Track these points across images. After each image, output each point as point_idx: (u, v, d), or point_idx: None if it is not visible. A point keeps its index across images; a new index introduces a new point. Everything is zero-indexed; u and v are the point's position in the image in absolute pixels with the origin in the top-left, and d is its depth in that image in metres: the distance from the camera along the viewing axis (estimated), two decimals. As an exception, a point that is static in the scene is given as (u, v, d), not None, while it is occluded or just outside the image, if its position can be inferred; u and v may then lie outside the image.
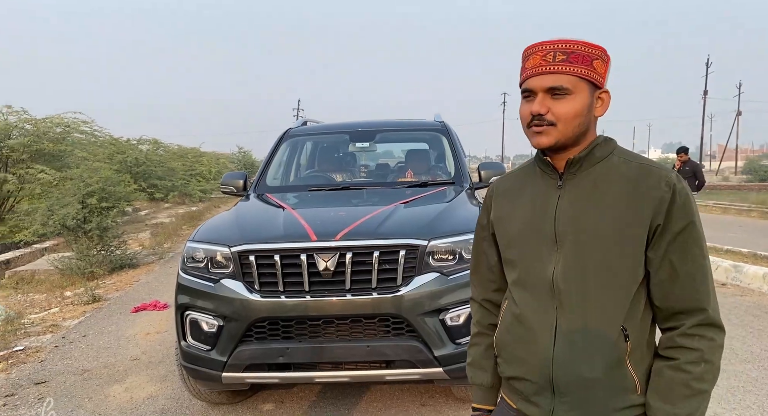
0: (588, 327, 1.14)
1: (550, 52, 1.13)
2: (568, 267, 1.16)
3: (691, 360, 1.10)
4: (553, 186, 1.22)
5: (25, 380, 3.89)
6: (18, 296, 6.87)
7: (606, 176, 1.17)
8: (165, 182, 19.46)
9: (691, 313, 1.12)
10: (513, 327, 1.26)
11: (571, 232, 1.16)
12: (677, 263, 1.11)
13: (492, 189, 1.40)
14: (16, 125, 11.18)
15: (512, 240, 1.27)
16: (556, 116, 1.13)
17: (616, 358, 1.13)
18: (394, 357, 2.76)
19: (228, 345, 2.78)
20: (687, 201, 1.12)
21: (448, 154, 4.28)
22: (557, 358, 1.16)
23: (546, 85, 1.13)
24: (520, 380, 1.25)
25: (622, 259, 1.13)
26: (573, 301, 1.15)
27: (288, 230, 2.92)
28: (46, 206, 8.01)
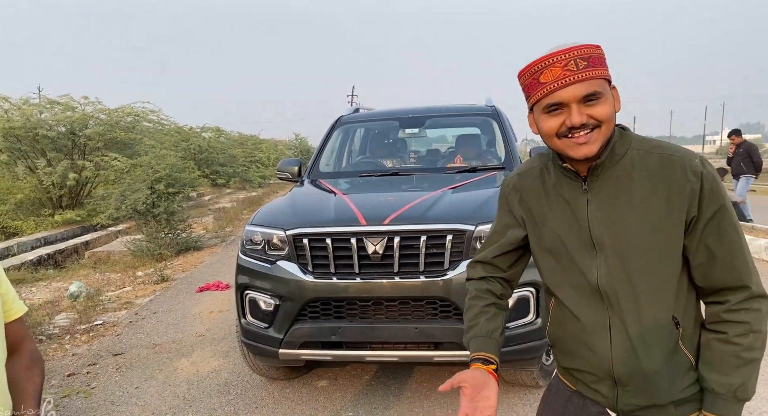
0: (642, 325, 1.17)
1: (570, 61, 1.10)
2: (611, 271, 1.17)
3: (739, 332, 1.13)
4: (578, 190, 1.21)
5: (105, 351, 4.25)
6: (96, 275, 7.43)
7: (629, 172, 1.16)
8: (226, 168, 20.23)
9: (735, 290, 1.14)
10: (565, 324, 1.27)
11: (608, 236, 1.17)
12: (713, 246, 1.13)
13: (512, 187, 1.35)
14: (92, 115, 11.92)
15: (549, 245, 1.26)
16: (598, 118, 1.11)
17: (672, 346, 1.17)
18: (442, 338, 2.84)
19: (284, 323, 2.94)
20: (715, 185, 1.12)
21: (499, 138, 4.26)
22: (615, 355, 1.19)
23: (581, 94, 1.10)
24: (579, 371, 1.28)
25: (663, 254, 1.14)
26: (622, 302, 1.17)
27: (339, 215, 3.04)
28: (119, 192, 8.56)
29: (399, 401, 3.22)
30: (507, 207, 1.36)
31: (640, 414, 1.21)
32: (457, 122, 4.91)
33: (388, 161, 4.59)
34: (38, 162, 11.10)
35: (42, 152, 11.30)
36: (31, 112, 11.18)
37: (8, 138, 10.59)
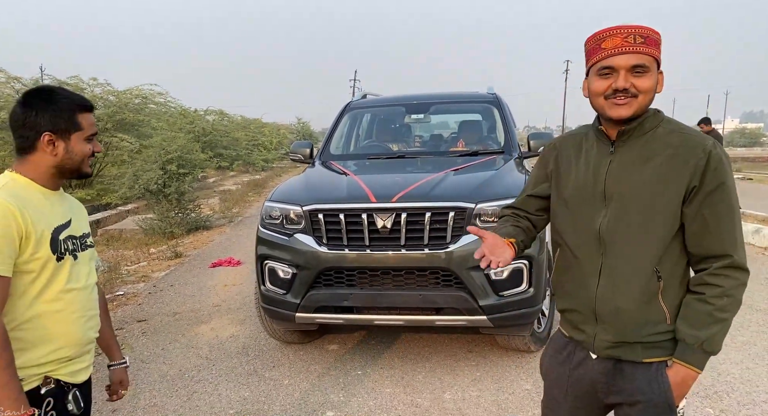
0: (625, 269, 1.36)
1: (630, 35, 1.30)
2: (613, 220, 1.37)
3: (715, 294, 1.31)
4: (605, 152, 1.42)
5: (129, 318, 4.58)
6: (110, 252, 7.75)
7: (652, 144, 1.36)
8: (230, 151, 20.44)
9: (719, 258, 1.32)
10: (567, 268, 1.49)
11: (618, 191, 1.37)
12: (708, 217, 1.30)
13: (554, 144, 1.59)
14: (101, 97, 12.19)
15: (568, 196, 1.48)
16: (639, 89, 1.31)
17: (648, 294, 1.35)
18: (444, 304, 3.15)
19: (301, 289, 3.26)
20: (719, 165, 1.30)
21: (499, 125, 4.54)
22: (599, 293, 1.40)
23: (631, 63, 1.30)
24: (571, 311, 1.49)
25: (659, 213, 1.33)
26: (615, 249, 1.37)
27: (351, 193, 3.34)
28: (132, 172, 8.85)
29: (403, 362, 3.55)
30: (543, 163, 1.60)
31: (613, 353, 1.41)
32: (460, 109, 5.18)
33: (395, 144, 4.87)
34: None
35: (52, 132, 11.55)
36: (42, 92, 11.42)
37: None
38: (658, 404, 1.38)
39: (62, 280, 1.46)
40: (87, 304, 1.57)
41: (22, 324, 1.41)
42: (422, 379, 3.32)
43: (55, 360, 1.47)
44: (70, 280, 1.49)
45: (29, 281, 1.41)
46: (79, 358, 1.55)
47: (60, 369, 1.48)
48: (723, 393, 3.05)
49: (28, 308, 1.41)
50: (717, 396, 3.02)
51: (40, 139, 1.45)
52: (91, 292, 1.61)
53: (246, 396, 3.16)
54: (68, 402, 1.50)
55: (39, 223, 1.41)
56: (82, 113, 1.51)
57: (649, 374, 1.40)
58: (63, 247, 1.47)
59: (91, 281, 1.61)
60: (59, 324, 1.47)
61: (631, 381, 1.41)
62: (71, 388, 1.52)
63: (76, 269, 1.52)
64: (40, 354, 1.44)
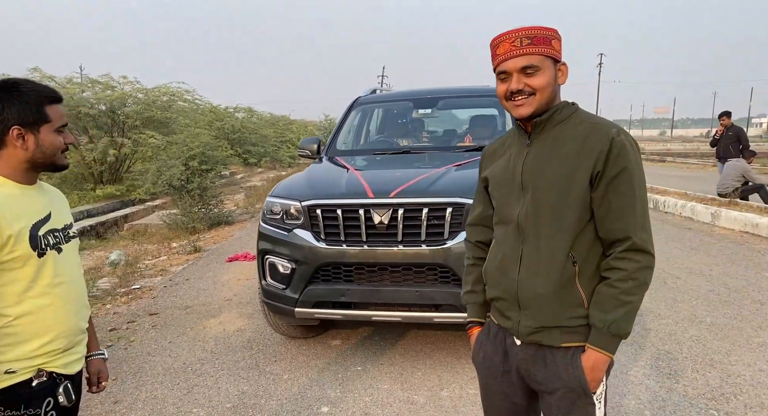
0: (541, 255, 1.42)
1: (517, 39, 1.38)
2: (530, 208, 1.43)
3: (619, 277, 1.35)
4: (524, 145, 1.49)
5: (142, 311, 4.69)
6: (134, 246, 7.96)
7: (563, 134, 1.42)
8: (258, 148, 20.74)
9: (622, 241, 1.36)
10: (495, 257, 1.55)
11: (533, 179, 1.43)
12: (613, 201, 1.35)
13: (484, 151, 1.68)
14: (130, 94, 12.48)
15: (494, 190, 1.57)
16: (533, 87, 1.38)
17: (565, 279, 1.39)
18: (441, 301, 3.12)
19: (299, 284, 3.27)
20: (623, 151, 1.34)
21: (508, 119, 4.46)
22: (520, 280, 1.45)
23: (519, 66, 1.38)
24: (497, 299, 1.54)
25: (570, 200, 1.38)
26: (532, 236, 1.43)
27: (349, 188, 3.33)
28: (156, 168, 9.05)
29: (404, 359, 3.53)
30: (481, 169, 1.66)
31: (534, 338, 1.45)
32: (469, 103, 5.10)
33: (403, 140, 4.84)
34: (81, 139, 11.74)
35: (84, 129, 11.93)
36: (74, 90, 11.78)
37: (53, 116, 11.20)
38: (573, 388, 1.41)
39: (48, 275, 1.48)
40: (77, 295, 1.59)
41: (13, 320, 1.43)
42: (421, 376, 3.29)
43: (49, 352, 1.49)
44: (57, 274, 1.51)
45: (12, 279, 1.43)
46: (72, 349, 1.57)
47: (53, 361, 1.50)
48: (730, 395, 2.93)
49: (17, 305, 1.44)
50: (724, 398, 2.90)
51: (9, 133, 1.45)
52: (80, 283, 1.64)
53: (245, 389, 3.20)
54: (59, 394, 1.51)
55: (16, 221, 1.42)
56: (50, 105, 1.50)
57: (566, 359, 1.42)
58: (44, 242, 1.48)
59: (79, 272, 1.64)
60: (51, 317, 1.49)
61: (552, 367, 1.44)
62: (63, 380, 1.53)
63: (62, 262, 1.53)
64: (32, 346, 1.46)
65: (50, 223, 1.53)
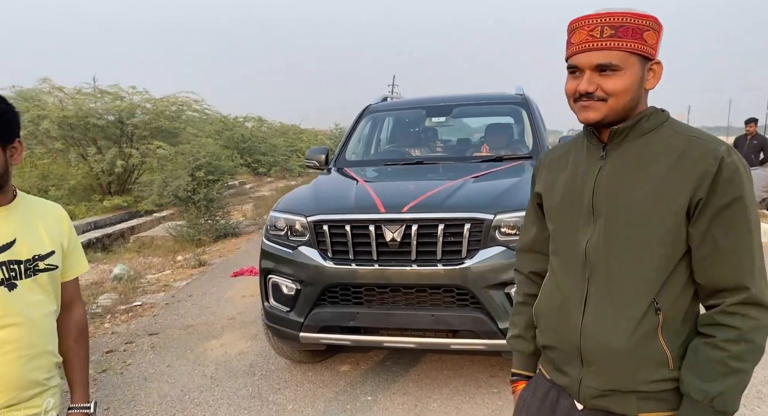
0: (616, 298, 1.13)
1: (597, 27, 1.08)
2: (601, 239, 1.15)
3: (729, 337, 1.05)
4: (596, 157, 1.19)
5: (141, 331, 4.46)
6: (140, 259, 7.76)
7: (651, 147, 1.13)
8: (268, 157, 20.63)
9: (733, 291, 1.07)
10: (550, 296, 1.27)
11: (608, 204, 1.14)
12: (720, 239, 1.06)
13: (539, 161, 1.40)
14: (139, 105, 12.38)
15: (553, 211, 1.28)
16: (607, 92, 1.10)
17: (645, 331, 1.11)
18: (459, 326, 2.85)
19: (305, 307, 3.01)
20: (736, 175, 1.05)
21: (527, 127, 4.19)
22: (585, 327, 1.16)
23: (594, 63, 1.09)
24: (552, 349, 1.27)
25: (658, 233, 1.09)
26: (603, 273, 1.15)
27: (358, 202, 3.08)
28: (162, 178, 8.88)
29: (418, 387, 3.25)
30: (533, 182, 1.38)
31: (601, 403, 1.17)
32: (486, 111, 4.84)
33: (415, 149, 4.58)
34: (89, 150, 11.63)
35: (93, 139, 11.83)
36: (83, 101, 11.70)
37: (62, 126, 11.12)
38: None
39: None
40: (31, 340, 1.34)
41: None
42: (437, 408, 3.01)
43: None
44: (4, 314, 1.29)
45: None
46: (18, 405, 1.33)
47: None
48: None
49: None
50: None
51: None
52: (41, 325, 1.39)
53: (245, 422, 2.94)
54: None
55: None
56: None
57: None
58: None
59: (42, 312, 1.40)
60: None
61: None
62: None
63: (13, 300, 1.31)
64: None
65: (9, 253, 1.31)
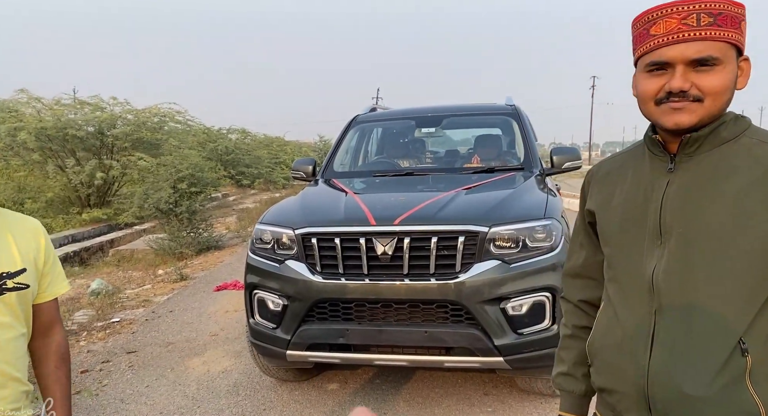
0: (692, 336, 0.96)
1: (692, 14, 0.93)
2: (672, 265, 0.99)
3: None
4: (662, 170, 1.03)
5: (119, 349, 4.27)
6: (119, 273, 7.54)
7: (731, 159, 0.97)
8: (252, 169, 20.45)
9: None
10: (608, 331, 1.10)
11: (681, 224, 0.98)
12: None
13: (590, 174, 1.23)
14: (120, 116, 12.15)
15: (610, 232, 1.11)
16: (704, 90, 0.94)
17: (729, 376, 0.94)
18: (453, 343, 2.74)
19: (292, 323, 2.88)
20: None
21: (518, 139, 4.14)
22: (653, 369, 0.99)
23: (690, 56, 0.93)
24: (611, 392, 1.08)
25: (744, 260, 0.94)
26: (675, 304, 0.98)
27: (348, 214, 2.97)
28: (142, 191, 8.68)
29: (410, 407, 3.13)
30: (583, 198, 1.23)
31: None
32: (475, 122, 4.79)
33: (405, 160, 4.50)
34: (68, 161, 11.37)
35: (72, 151, 11.57)
36: (61, 112, 11.45)
37: (40, 138, 10.85)
38: None
39: None
40: None
41: None
42: (430, 428, 2.89)
43: None
44: None
45: None
46: None
47: None
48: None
49: None
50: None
51: None
52: (4, 350, 1.25)
53: (228, 446, 2.79)
54: None
55: None
56: None
57: None
58: None
59: (7, 336, 1.26)
60: None
61: None
62: None
63: None
64: None
65: None
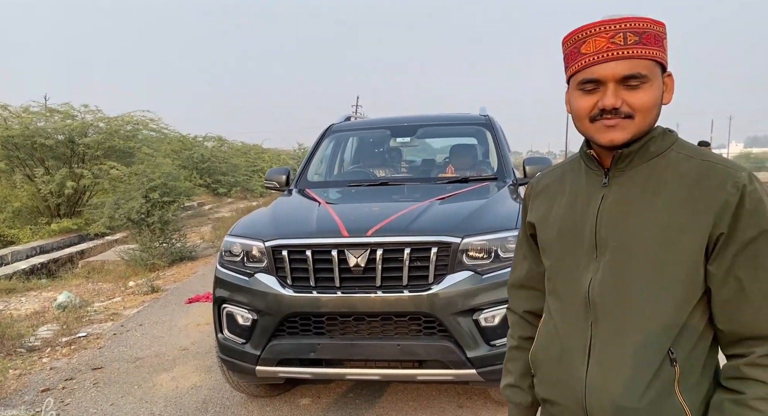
0: (625, 348, 1.00)
1: (619, 33, 0.96)
2: (606, 278, 1.02)
3: (760, 395, 0.93)
4: (597, 184, 1.07)
5: (84, 365, 4.12)
6: (88, 285, 7.32)
7: (660, 173, 1.01)
8: (228, 177, 20.21)
9: (764, 340, 0.94)
10: (548, 343, 1.14)
11: (614, 238, 1.02)
12: (746, 280, 0.94)
13: (530, 186, 1.27)
14: (91, 124, 11.88)
15: (549, 244, 1.15)
16: (634, 107, 0.98)
17: (660, 386, 0.98)
18: (426, 356, 2.70)
19: (261, 339, 2.81)
20: (760, 206, 0.94)
21: (492, 148, 4.14)
22: (590, 382, 1.03)
23: (620, 74, 0.97)
24: (553, 404, 1.13)
25: (673, 272, 0.97)
26: (609, 317, 1.01)
27: (320, 226, 2.92)
28: (113, 200, 8.48)
29: (383, 421, 3.07)
30: (525, 210, 1.26)
31: None
32: (450, 132, 4.79)
33: (380, 170, 4.46)
34: (36, 170, 11.06)
35: (40, 160, 11.27)
36: (30, 120, 11.15)
37: (6, 146, 10.55)
38: None
39: None
40: None
41: None
42: (404, 443, 2.83)
43: None
44: None
45: None
46: None
47: None
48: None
49: None
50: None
51: None
52: None
53: (195, 466, 2.69)
54: None
55: None
56: None
57: None
58: None
59: None
60: None
61: None
62: None
63: None
64: None
65: None
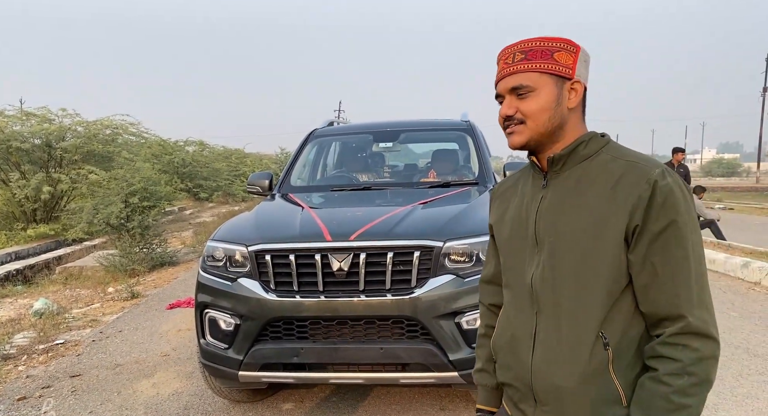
0: (563, 334, 1.10)
1: (510, 55, 1.14)
2: (545, 271, 1.13)
3: (670, 371, 1.01)
4: (539, 186, 1.19)
5: (62, 373, 4.05)
6: (66, 291, 7.20)
7: (590, 174, 1.12)
8: (210, 182, 20.04)
9: (673, 320, 1.03)
10: (503, 331, 1.25)
11: (549, 234, 1.13)
12: (659, 265, 1.03)
13: (492, 192, 1.39)
14: (69, 128, 11.71)
15: (502, 243, 1.27)
16: (524, 113, 1.12)
17: (595, 366, 1.07)
18: (408, 360, 2.72)
19: (244, 343, 2.80)
20: (670, 199, 1.03)
21: (473, 154, 4.19)
22: (535, 365, 1.13)
23: (509, 87, 1.13)
24: (509, 386, 1.24)
25: (599, 262, 1.07)
26: (549, 306, 1.12)
27: (303, 230, 2.92)
28: (92, 205, 8.36)
29: (366, 425, 3.08)
30: (489, 214, 1.38)
31: None
32: (432, 137, 4.84)
33: (362, 175, 4.49)
34: (12, 175, 10.86)
35: (16, 164, 11.07)
36: (5, 124, 10.95)
37: (-20, 150, 10.36)
38: None
39: None
40: None
41: None
42: (387, 447, 2.85)
43: None
44: None
45: None
46: None
47: None
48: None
49: None
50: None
51: None
52: None
53: (177, 473, 2.67)
54: None
55: None
56: None
57: None
58: None
59: None
60: None
61: None
62: None
63: None
64: None
65: None
